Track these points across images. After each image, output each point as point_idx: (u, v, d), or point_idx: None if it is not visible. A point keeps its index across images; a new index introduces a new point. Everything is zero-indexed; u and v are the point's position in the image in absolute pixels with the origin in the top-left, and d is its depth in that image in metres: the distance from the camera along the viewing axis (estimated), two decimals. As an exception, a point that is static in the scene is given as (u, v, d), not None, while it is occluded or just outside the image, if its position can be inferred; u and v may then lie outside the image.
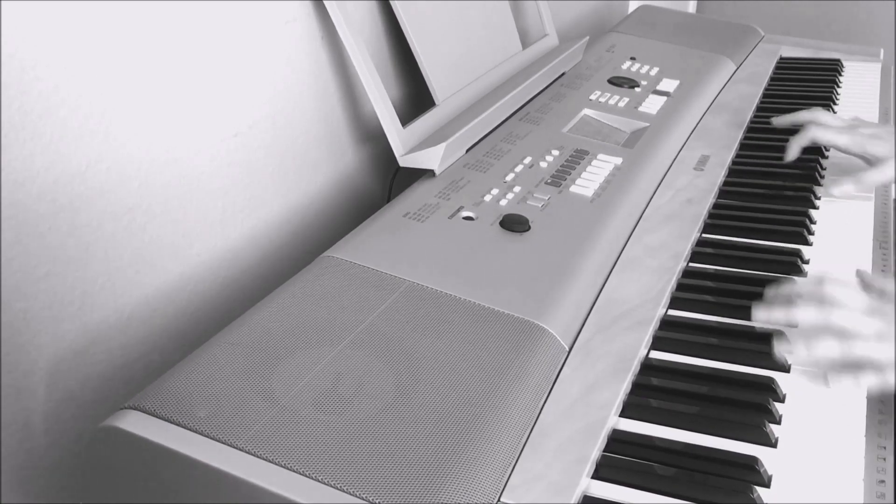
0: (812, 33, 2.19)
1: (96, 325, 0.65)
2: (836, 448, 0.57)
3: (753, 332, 0.68)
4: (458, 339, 0.60)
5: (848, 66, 1.33)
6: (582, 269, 0.70)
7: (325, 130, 0.87)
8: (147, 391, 0.54)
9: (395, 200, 0.79)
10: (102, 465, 0.53)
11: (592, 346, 0.63)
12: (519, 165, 0.85)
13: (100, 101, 0.60)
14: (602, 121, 1.01)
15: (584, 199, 0.80)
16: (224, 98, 0.73)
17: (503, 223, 0.74)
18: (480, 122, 0.88)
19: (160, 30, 0.64)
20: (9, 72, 0.53)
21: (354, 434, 0.51)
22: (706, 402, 0.61)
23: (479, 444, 0.51)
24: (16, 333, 0.58)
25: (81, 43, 0.58)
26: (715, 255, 0.79)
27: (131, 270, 0.67)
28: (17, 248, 0.57)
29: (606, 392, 0.59)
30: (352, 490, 0.47)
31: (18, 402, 0.60)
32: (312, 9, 0.81)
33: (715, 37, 1.35)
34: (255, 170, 0.78)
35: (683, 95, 1.09)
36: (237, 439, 0.50)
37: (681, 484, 0.54)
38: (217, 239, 0.75)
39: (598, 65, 1.18)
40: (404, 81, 0.98)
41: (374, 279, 0.65)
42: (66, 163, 0.59)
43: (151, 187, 0.67)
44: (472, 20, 1.01)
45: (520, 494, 0.50)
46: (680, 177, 0.90)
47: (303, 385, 0.54)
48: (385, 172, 1.00)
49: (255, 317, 0.60)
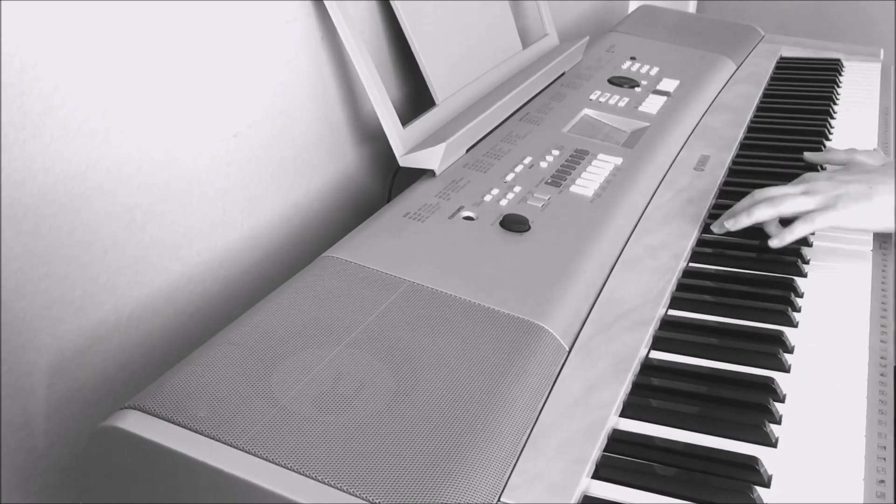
0: (812, 33, 2.19)
1: (96, 325, 0.65)
2: (836, 448, 0.57)
3: (753, 332, 0.68)
4: (458, 338, 0.60)
5: (848, 66, 1.33)
6: (582, 269, 0.70)
7: (325, 130, 0.87)
8: (147, 391, 0.54)
9: (395, 200, 0.79)
10: (102, 465, 0.53)
11: (592, 346, 0.63)
12: (519, 165, 0.85)
13: (100, 101, 0.60)
14: (602, 121, 1.01)
15: (584, 199, 0.80)
16: (224, 98, 0.73)
17: (503, 223, 0.74)
18: (480, 122, 0.88)
19: (160, 30, 0.64)
20: (9, 72, 0.53)
21: (354, 434, 0.51)
22: (706, 402, 0.61)
23: (479, 443, 0.51)
24: (16, 333, 0.58)
25: (81, 43, 0.58)
26: (715, 255, 0.79)
27: (131, 270, 0.67)
28: (17, 248, 0.57)
29: (606, 392, 0.59)
30: (352, 490, 0.47)
31: (18, 402, 0.60)
32: (312, 9, 0.81)
33: (715, 37, 1.35)
34: (255, 170, 0.78)
35: (683, 95, 1.09)
36: (237, 439, 0.50)
37: (681, 484, 0.54)
38: (217, 239, 0.75)
39: (599, 65, 1.18)
40: (404, 81, 0.98)
41: (374, 279, 0.65)
42: (66, 163, 0.59)
43: (151, 187, 0.67)
44: (473, 20, 1.01)
45: (520, 494, 0.50)
46: (680, 177, 0.90)
47: (303, 385, 0.54)
48: (385, 172, 1.00)
49: (255, 317, 0.60)
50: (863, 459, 0.56)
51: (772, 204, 0.75)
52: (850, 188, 0.75)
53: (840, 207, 0.74)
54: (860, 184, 0.75)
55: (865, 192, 0.74)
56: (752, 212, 0.76)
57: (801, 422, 0.59)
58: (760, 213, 0.76)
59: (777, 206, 0.75)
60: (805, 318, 0.70)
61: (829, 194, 0.75)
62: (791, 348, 0.67)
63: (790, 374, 0.64)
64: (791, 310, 0.70)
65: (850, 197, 0.74)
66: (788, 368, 0.64)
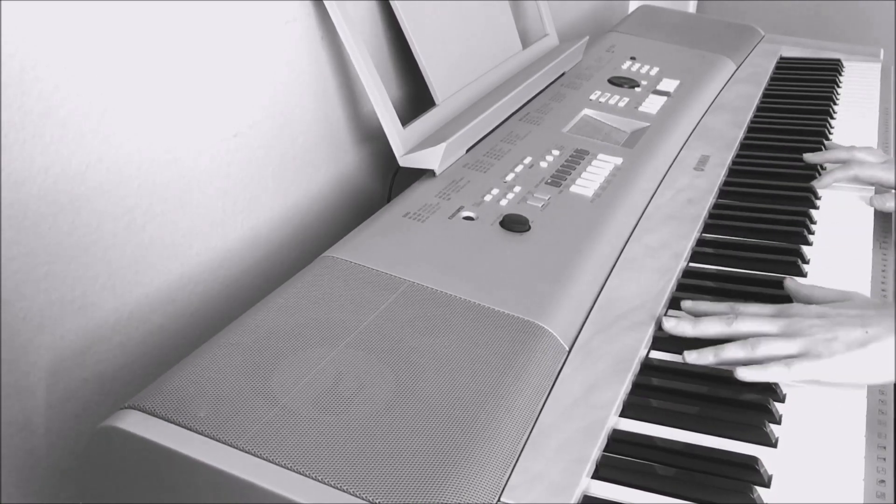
0: (812, 33, 2.19)
1: (96, 325, 0.65)
2: (836, 448, 0.57)
3: (753, 332, 0.68)
4: (457, 339, 0.60)
5: (848, 66, 1.33)
6: (582, 269, 0.70)
7: (325, 130, 0.87)
8: (147, 391, 0.54)
9: (395, 200, 0.79)
10: (102, 465, 0.53)
11: (592, 346, 0.63)
12: (519, 165, 0.85)
13: (100, 101, 0.60)
14: (602, 121, 1.01)
15: (584, 199, 0.80)
16: (224, 98, 0.73)
17: (503, 223, 0.74)
18: (480, 122, 0.88)
19: (160, 30, 0.64)
20: (9, 72, 0.53)
21: (354, 434, 0.51)
22: (706, 402, 0.61)
23: (479, 443, 0.51)
24: (16, 333, 0.58)
25: (81, 43, 0.58)
26: (715, 255, 0.79)
27: (131, 270, 0.67)
28: (17, 248, 0.57)
29: (606, 392, 0.59)
30: (352, 490, 0.47)
31: (18, 402, 0.60)
32: (312, 9, 0.81)
33: (715, 37, 1.35)
34: (255, 170, 0.78)
35: (683, 95, 1.09)
36: (237, 439, 0.50)
37: (681, 484, 0.54)
38: (217, 239, 0.75)
39: (599, 65, 1.18)
40: (404, 81, 0.98)
41: (374, 279, 0.65)
42: (66, 163, 0.59)
43: (151, 187, 0.67)
44: (473, 20, 1.01)
45: (520, 494, 0.50)
46: (680, 177, 0.90)
47: (303, 385, 0.54)
48: (385, 172, 1.00)
49: (255, 317, 0.60)
50: (863, 459, 0.56)
51: (745, 347, 0.64)
52: (841, 333, 0.63)
53: (826, 357, 0.62)
54: (853, 327, 0.63)
55: (859, 339, 0.62)
56: (721, 353, 0.64)
57: (801, 422, 0.59)
58: (730, 355, 0.64)
59: (751, 351, 0.64)
60: (805, 318, 0.70)
61: (815, 338, 0.63)
62: (791, 348, 0.67)
63: (790, 374, 0.64)
64: (791, 310, 0.70)
65: (840, 343, 0.62)
66: (788, 368, 0.64)
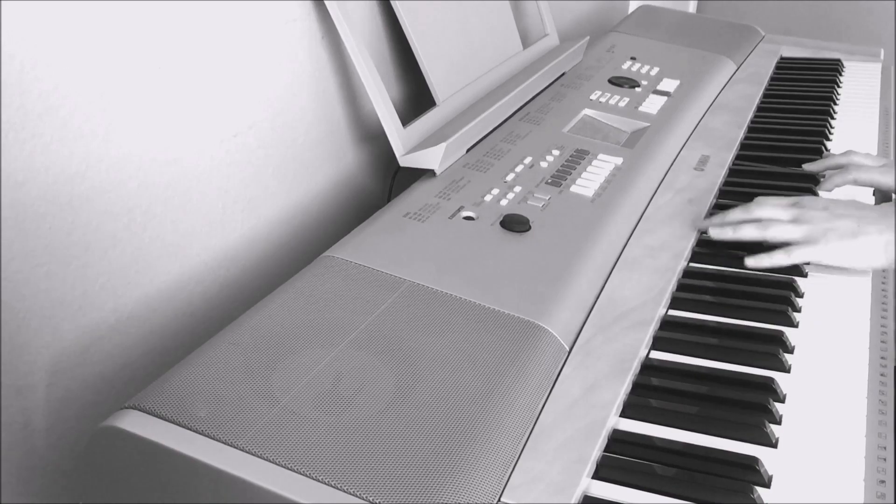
0: (812, 33, 2.19)
1: (96, 325, 0.65)
2: (836, 448, 0.57)
3: (754, 332, 0.68)
4: (458, 339, 0.60)
5: (848, 66, 1.33)
6: (582, 269, 0.70)
7: (325, 130, 0.87)
8: (147, 391, 0.54)
9: (395, 200, 0.79)
10: (102, 465, 0.53)
11: (592, 346, 0.63)
12: (519, 165, 0.85)
13: (100, 101, 0.60)
14: (602, 121, 1.01)
15: (584, 199, 0.80)
16: (224, 98, 0.73)
17: (503, 223, 0.74)
18: (481, 121, 0.88)
19: (160, 30, 0.64)
20: (9, 72, 0.53)
21: (354, 434, 0.51)
22: (706, 402, 0.60)
23: (480, 443, 0.51)
24: (16, 333, 0.58)
25: (81, 43, 0.58)
26: (715, 254, 0.79)
27: (131, 270, 0.67)
28: (17, 248, 0.57)
29: (607, 392, 0.59)
30: (352, 490, 0.47)
31: (18, 402, 0.60)
32: (313, 9, 0.81)
33: (715, 37, 1.35)
34: (255, 170, 0.78)
35: (684, 95, 1.09)
36: (237, 439, 0.50)
37: (681, 484, 0.54)
38: (217, 239, 0.75)
39: (599, 65, 1.18)
40: (404, 81, 0.98)
41: (374, 279, 0.65)
42: (66, 163, 0.59)
43: (151, 187, 0.67)
44: (473, 20, 1.01)
45: (520, 494, 0.50)
46: (680, 177, 0.90)
47: (303, 385, 0.54)
48: (385, 172, 1.00)
49: (255, 317, 0.60)
50: (863, 459, 0.56)
51: (759, 227, 0.76)
52: (838, 224, 0.74)
53: (822, 243, 0.74)
54: (849, 220, 0.74)
55: (852, 230, 0.74)
56: (739, 230, 0.77)
57: (801, 422, 0.59)
58: (746, 234, 0.77)
59: (764, 230, 0.76)
60: (805, 318, 0.70)
61: (818, 227, 0.75)
62: (791, 348, 0.67)
63: (790, 374, 0.64)
64: (791, 310, 0.70)
65: (835, 233, 0.74)
66: (788, 368, 0.64)
